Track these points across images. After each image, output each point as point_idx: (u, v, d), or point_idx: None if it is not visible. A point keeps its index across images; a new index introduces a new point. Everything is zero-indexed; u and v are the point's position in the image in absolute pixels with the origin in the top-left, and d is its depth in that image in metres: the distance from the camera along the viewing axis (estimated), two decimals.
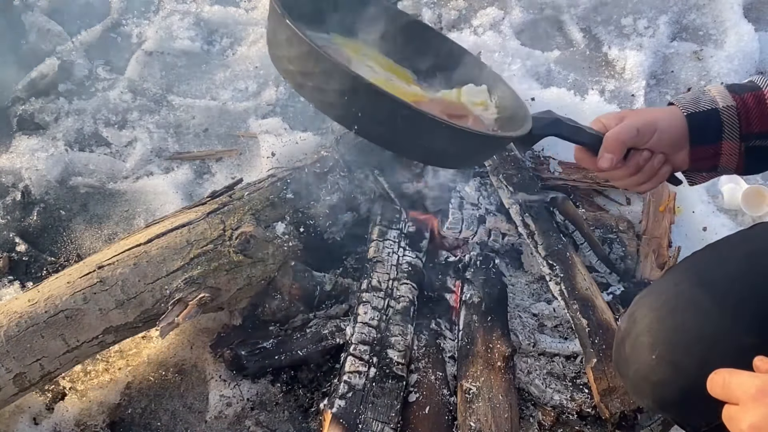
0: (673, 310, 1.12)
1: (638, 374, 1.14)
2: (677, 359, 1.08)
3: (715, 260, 1.17)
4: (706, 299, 1.10)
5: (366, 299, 1.70)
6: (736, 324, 1.05)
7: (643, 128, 1.15)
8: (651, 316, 1.14)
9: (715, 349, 1.05)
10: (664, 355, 1.09)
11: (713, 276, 1.13)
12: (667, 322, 1.11)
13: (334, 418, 1.51)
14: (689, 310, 1.10)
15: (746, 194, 2.01)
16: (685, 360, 1.07)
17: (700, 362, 1.03)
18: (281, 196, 1.76)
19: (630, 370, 1.16)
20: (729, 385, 0.80)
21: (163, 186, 2.09)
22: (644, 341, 1.13)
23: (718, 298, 1.09)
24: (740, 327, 1.05)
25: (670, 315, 1.12)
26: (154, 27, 2.46)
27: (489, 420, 1.52)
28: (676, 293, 1.14)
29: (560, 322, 1.78)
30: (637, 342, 1.14)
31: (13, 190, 2.11)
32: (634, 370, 1.15)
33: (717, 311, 1.08)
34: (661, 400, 1.13)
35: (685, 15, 2.51)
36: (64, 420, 1.67)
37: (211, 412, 1.69)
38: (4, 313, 1.53)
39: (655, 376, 1.11)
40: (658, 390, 1.12)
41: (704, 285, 1.12)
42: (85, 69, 2.39)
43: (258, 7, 2.53)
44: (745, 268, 1.12)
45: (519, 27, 2.52)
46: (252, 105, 2.27)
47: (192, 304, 1.57)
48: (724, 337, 1.05)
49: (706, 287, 1.12)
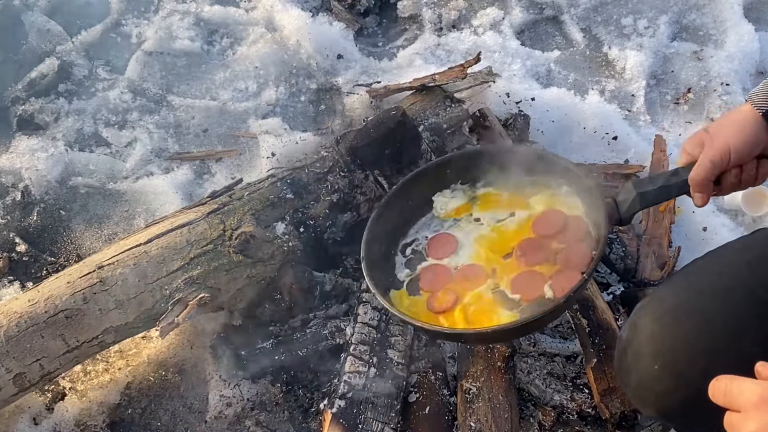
0: (674, 320, 1.12)
1: (641, 384, 1.14)
2: (679, 369, 1.08)
3: (715, 269, 1.17)
4: (708, 309, 1.10)
5: (366, 299, 1.70)
6: (738, 333, 1.05)
7: (717, 158, 1.17)
8: (653, 326, 1.14)
9: (717, 359, 1.05)
10: (667, 365, 1.09)
11: (714, 285, 1.13)
12: (669, 331, 1.11)
13: (334, 418, 1.51)
14: (691, 320, 1.10)
15: (746, 194, 2.01)
16: (687, 370, 1.07)
17: (703, 372, 1.01)
18: (281, 196, 1.76)
19: (632, 380, 1.16)
20: (731, 392, 0.80)
21: (163, 186, 2.09)
22: (646, 351, 1.13)
23: (719, 308, 1.09)
24: (742, 336, 1.05)
25: (672, 325, 1.12)
26: (154, 27, 2.46)
27: (489, 420, 1.52)
28: (677, 302, 1.14)
29: (560, 322, 1.78)
30: (640, 351, 1.14)
31: (13, 190, 2.11)
32: (637, 379, 1.15)
33: (718, 321, 1.08)
34: (664, 410, 1.13)
35: (685, 15, 2.51)
36: (64, 420, 1.67)
37: (211, 412, 1.69)
38: (4, 313, 1.53)
39: (658, 386, 1.11)
40: (660, 400, 1.12)
41: (705, 294, 1.12)
42: (85, 69, 2.39)
43: (258, 7, 2.53)
44: (745, 277, 1.12)
45: (519, 27, 2.52)
46: (252, 105, 2.27)
47: (192, 304, 1.57)
48: (726, 347, 1.05)
49: (708, 296, 1.12)
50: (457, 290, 1.53)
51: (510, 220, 1.64)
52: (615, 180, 2.05)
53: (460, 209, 1.69)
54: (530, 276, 1.52)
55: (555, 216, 1.60)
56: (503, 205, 1.67)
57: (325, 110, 2.27)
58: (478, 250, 1.61)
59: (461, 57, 2.40)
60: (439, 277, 1.58)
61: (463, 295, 1.52)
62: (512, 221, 1.64)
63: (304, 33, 2.37)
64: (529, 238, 1.59)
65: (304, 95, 2.30)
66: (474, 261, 1.59)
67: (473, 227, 1.66)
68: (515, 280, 1.53)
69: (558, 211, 1.61)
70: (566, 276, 1.47)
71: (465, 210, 1.69)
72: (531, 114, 2.16)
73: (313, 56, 2.34)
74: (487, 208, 1.68)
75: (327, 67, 2.34)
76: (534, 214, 1.63)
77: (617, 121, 2.23)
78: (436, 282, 1.57)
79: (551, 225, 1.59)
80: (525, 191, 1.67)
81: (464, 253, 1.61)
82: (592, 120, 2.19)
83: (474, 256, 1.60)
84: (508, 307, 1.49)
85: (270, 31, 2.44)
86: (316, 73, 2.33)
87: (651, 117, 2.31)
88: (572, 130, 2.19)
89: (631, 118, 2.29)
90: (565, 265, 1.51)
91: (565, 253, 1.54)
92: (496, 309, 1.49)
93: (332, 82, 2.31)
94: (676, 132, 2.27)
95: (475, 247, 1.62)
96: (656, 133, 2.16)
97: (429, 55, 2.44)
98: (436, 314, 1.51)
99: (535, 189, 1.66)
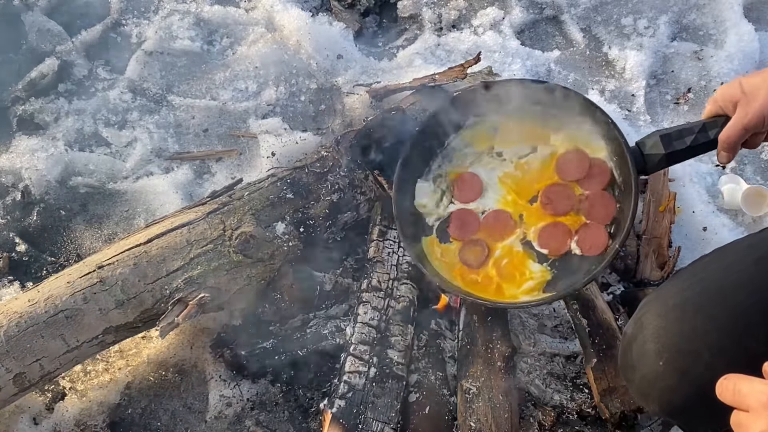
0: (680, 317, 1.12)
1: (645, 380, 1.14)
2: (684, 366, 1.09)
3: (722, 266, 1.17)
4: (714, 306, 1.10)
5: (366, 299, 1.70)
6: (744, 331, 1.05)
7: (752, 124, 1.17)
8: (658, 323, 1.14)
9: (722, 357, 1.05)
10: (672, 362, 1.09)
11: (721, 282, 1.13)
12: (674, 328, 1.11)
13: (334, 418, 1.51)
14: (697, 317, 1.10)
15: (746, 194, 2.01)
16: (692, 367, 1.07)
17: (708, 369, 1.03)
18: (281, 196, 1.76)
19: (636, 376, 1.16)
20: (740, 391, 0.80)
21: (163, 186, 2.09)
22: (651, 348, 1.13)
23: (726, 305, 1.09)
24: (749, 334, 1.05)
25: (678, 321, 1.12)
26: (154, 27, 2.45)
27: (489, 420, 1.52)
28: (683, 299, 1.14)
29: (560, 322, 1.78)
30: (644, 348, 1.14)
31: (13, 190, 2.11)
32: (641, 376, 1.15)
33: (725, 318, 1.08)
34: (668, 407, 1.13)
35: (685, 15, 2.51)
36: (64, 420, 1.67)
37: (211, 412, 1.69)
38: (4, 313, 1.53)
39: (662, 383, 1.11)
40: (665, 396, 1.12)
41: (712, 291, 1.12)
42: (85, 69, 2.39)
43: (258, 7, 2.53)
44: (753, 275, 1.12)
45: (519, 27, 2.52)
46: (252, 105, 2.27)
47: (192, 304, 1.57)
48: (732, 345, 1.06)
49: (714, 294, 1.12)
50: (487, 240, 1.61)
51: (533, 156, 1.67)
52: None
53: (481, 139, 1.71)
54: (556, 229, 1.58)
55: (579, 158, 1.61)
56: (525, 138, 1.69)
57: (325, 110, 2.27)
58: (504, 194, 1.66)
59: (461, 57, 2.40)
60: (467, 224, 1.64)
61: (494, 247, 1.61)
62: (535, 158, 1.67)
63: (304, 33, 2.37)
64: (553, 183, 1.62)
65: (304, 95, 2.29)
66: (501, 206, 1.64)
67: (497, 163, 1.69)
68: (542, 233, 1.59)
69: (581, 152, 1.62)
70: (592, 231, 1.54)
71: (486, 142, 1.71)
72: None
73: (313, 56, 2.34)
74: (509, 141, 1.70)
75: (327, 67, 2.34)
76: (557, 153, 1.64)
77: (617, 121, 2.22)
78: (466, 230, 1.63)
79: (576, 169, 1.61)
80: (548, 124, 1.66)
81: (490, 195, 1.67)
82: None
83: (500, 201, 1.65)
84: (538, 260, 1.58)
85: (270, 31, 2.44)
86: (316, 73, 2.32)
87: (651, 117, 2.31)
88: None
89: (631, 118, 2.29)
90: (589, 216, 1.56)
91: (589, 202, 1.58)
92: (526, 262, 1.58)
93: (332, 82, 2.31)
94: None
95: (500, 188, 1.66)
96: None
97: (429, 55, 2.44)
98: (470, 268, 1.58)
99: (557, 123, 1.65)
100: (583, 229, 1.56)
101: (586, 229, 1.56)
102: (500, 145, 1.70)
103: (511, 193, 1.65)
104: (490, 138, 1.71)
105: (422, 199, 1.69)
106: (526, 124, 1.68)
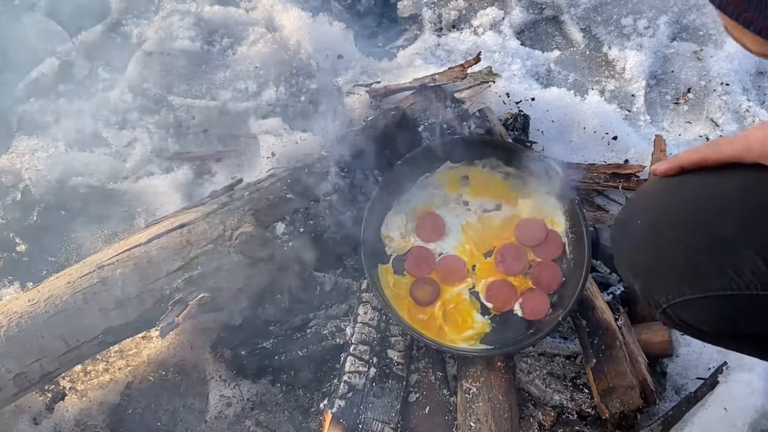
0: (666, 189, 1.20)
1: (623, 241, 1.23)
2: (658, 230, 1.16)
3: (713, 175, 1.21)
4: (699, 184, 1.16)
5: (366, 299, 1.70)
6: (718, 217, 1.10)
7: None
8: (648, 196, 1.23)
9: (692, 233, 1.11)
10: (648, 222, 1.17)
11: (710, 174, 1.17)
12: (658, 200, 1.20)
13: (334, 418, 1.51)
14: (682, 189, 1.18)
15: None
16: (664, 231, 1.15)
17: (676, 238, 1.12)
18: (281, 196, 1.76)
19: (623, 247, 1.23)
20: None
21: (163, 186, 2.09)
22: (637, 211, 1.22)
23: (710, 183, 1.15)
24: (722, 220, 1.09)
25: (662, 195, 1.20)
26: (154, 27, 2.45)
27: (489, 420, 1.52)
28: (678, 180, 1.20)
29: None
30: (631, 215, 1.23)
31: (13, 190, 2.11)
32: (621, 234, 1.24)
33: (702, 202, 1.14)
34: (636, 265, 1.19)
35: (685, 15, 2.51)
36: (64, 420, 1.67)
37: (211, 412, 1.69)
38: (4, 313, 1.53)
39: (635, 240, 1.19)
40: (635, 255, 1.19)
41: (700, 175, 1.17)
42: (85, 69, 2.39)
43: (258, 7, 2.53)
44: (738, 181, 1.15)
45: (519, 27, 2.52)
46: (252, 105, 2.27)
47: (192, 304, 1.57)
48: (704, 226, 1.11)
49: (702, 174, 1.16)
50: (439, 282, 1.69)
51: (496, 213, 1.77)
52: (615, 180, 2.05)
53: (452, 184, 1.81)
54: (504, 287, 1.68)
55: (537, 227, 1.74)
56: (492, 194, 1.79)
57: (325, 110, 2.27)
58: (463, 242, 1.74)
59: (461, 57, 2.40)
60: (424, 261, 1.72)
61: (444, 290, 1.69)
62: (498, 216, 1.77)
63: (305, 33, 2.37)
64: (509, 243, 1.73)
65: (304, 95, 2.30)
66: (458, 253, 1.73)
67: (462, 211, 1.78)
68: (491, 288, 1.68)
69: (541, 221, 1.74)
70: (535, 297, 1.65)
71: (455, 188, 1.80)
72: (531, 114, 2.16)
73: (313, 56, 2.34)
74: (477, 193, 1.80)
75: (327, 67, 2.34)
76: (519, 216, 1.75)
77: (617, 121, 2.23)
78: (421, 267, 1.72)
79: (532, 236, 1.73)
80: (518, 188, 1.78)
81: (450, 240, 1.76)
82: (592, 120, 2.20)
83: (459, 248, 1.74)
84: (482, 312, 1.66)
85: (270, 31, 2.44)
86: (316, 73, 2.32)
87: (651, 117, 2.31)
88: (572, 130, 2.20)
89: (631, 118, 2.29)
90: (536, 283, 1.67)
91: (539, 269, 1.69)
92: (471, 312, 1.66)
93: (332, 82, 2.31)
94: (676, 132, 2.27)
95: (461, 236, 1.75)
96: (656, 133, 2.16)
97: (429, 55, 2.44)
98: (418, 305, 1.66)
99: (526, 189, 1.77)
100: (528, 293, 1.66)
101: (530, 294, 1.66)
102: (468, 195, 1.80)
103: (470, 242, 1.74)
104: (459, 186, 1.81)
105: (391, 232, 1.76)
106: (497, 182, 1.81)
